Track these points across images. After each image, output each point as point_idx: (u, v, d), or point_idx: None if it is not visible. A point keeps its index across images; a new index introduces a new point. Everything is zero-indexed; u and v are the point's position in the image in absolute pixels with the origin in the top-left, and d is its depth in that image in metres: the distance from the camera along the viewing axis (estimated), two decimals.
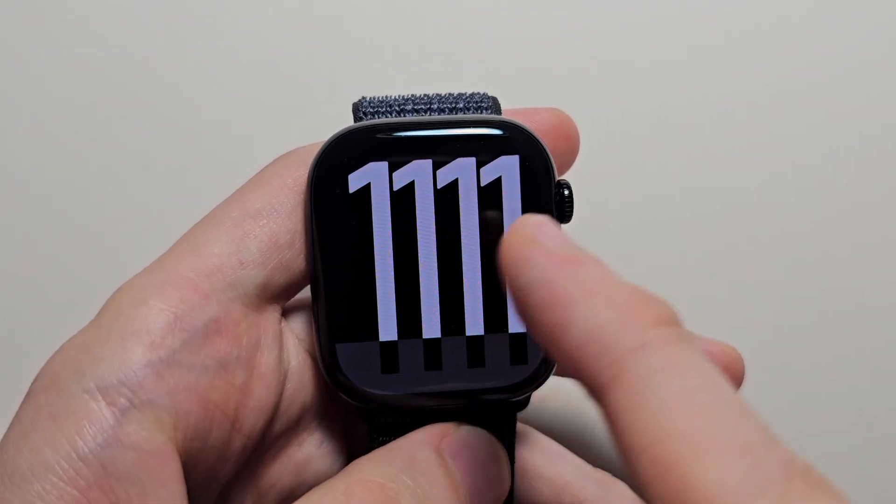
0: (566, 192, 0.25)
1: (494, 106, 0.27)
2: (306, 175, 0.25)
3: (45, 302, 0.35)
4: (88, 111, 0.35)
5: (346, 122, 0.27)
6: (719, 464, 0.16)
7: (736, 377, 0.28)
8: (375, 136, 0.25)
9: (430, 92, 0.27)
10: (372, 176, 0.25)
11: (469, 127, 0.25)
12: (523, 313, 0.19)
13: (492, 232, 0.25)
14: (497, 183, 0.25)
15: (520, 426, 0.29)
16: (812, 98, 0.35)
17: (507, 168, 0.25)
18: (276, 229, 0.25)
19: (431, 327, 0.25)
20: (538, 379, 0.25)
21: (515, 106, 0.27)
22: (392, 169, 0.25)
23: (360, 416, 0.26)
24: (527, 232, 0.19)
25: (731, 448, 0.16)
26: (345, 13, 0.35)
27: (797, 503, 0.15)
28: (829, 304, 0.34)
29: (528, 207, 0.25)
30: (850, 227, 0.35)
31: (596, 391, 0.18)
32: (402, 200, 0.25)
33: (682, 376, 0.17)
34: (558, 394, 0.34)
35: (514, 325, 0.25)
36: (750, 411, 0.17)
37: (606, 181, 0.34)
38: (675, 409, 0.16)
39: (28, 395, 0.22)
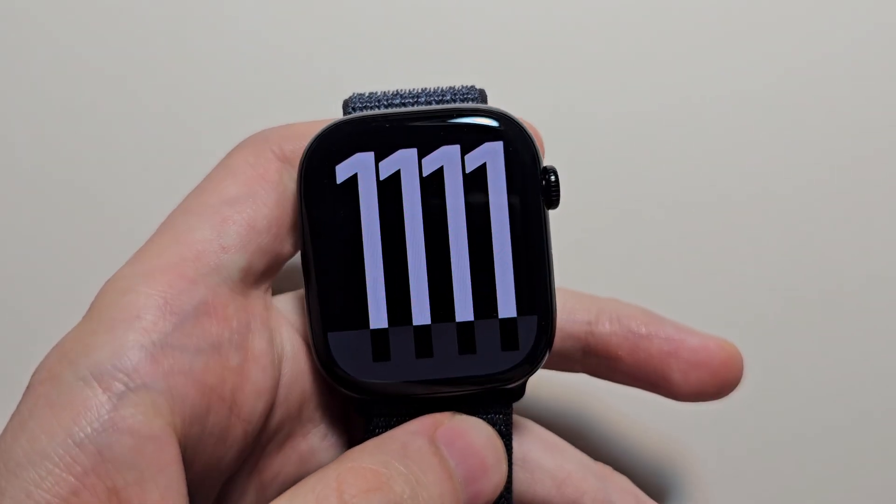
0: (552, 178, 0.25)
1: (481, 98, 0.27)
2: (274, 160, 0.26)
3: (44, 301, 0.35)
4: (88, 110, 0.35)
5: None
6: None
7: (734, 373, 0.28)
8: (362, 127, 0.25)
9: (419, 87, 0.27)
10: (359, 166, 0.25)
11: (453, 116, 0.25)
12: None
13: (478, 218, 0.25)
14: (482, 169, 0.25)
15: (521, 419, 0.29)
16: (811, 97, 0.35)
17: (491, 154, 0.25)
18: (254, 214, 0.25)
19: (421, 314, 0.25)
20: (530, 365, 0.25)
21: (506, 101, 0.27)
22: (378, 158, 0.25)
23: (357, 409, 0.27)
24: None
25: None
26: (337, 11, 0.35)
27: None
28: (829, 302, 0.34)
29: (513, 192, 0.25)
30: (849, 226, 0.35)
31: None
32: (389, 189, 0.25)
33: None
34: (559, 387, 0.34)
35: (504, 311, 0.25)
36: None
37: (606, 178, 0.34)
38: None
39: (27, 389, 0.22)
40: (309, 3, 0.35)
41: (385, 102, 0.26)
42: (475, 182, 0.25)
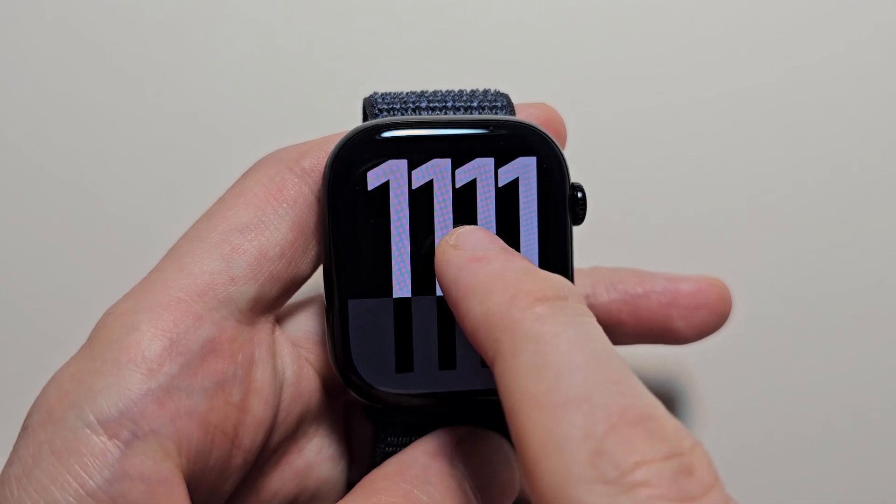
0: (579, 195, 0.25)
1: (508, 104, 0.26)
2: (291, 176, 0.25)
3: (43, 303, 0.34)
4: (97, 110, 0.34)
5: (352, 115, 0.27)
6: (552, 418, 0.18)
7: (728, 304, 0.29)
8: (394, 133, 0.25)
9: (442, 88, 0.26)
10: (391, 173, 0.24)
11: (488, 127, 0.25)
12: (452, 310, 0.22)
13: (507, 230, 0.25)
14: (514, 184, 0.25)
15: None
16: (813, 97, 0.34)
17: (524, 169, 0.25)
18: (265, 242, 0.24)
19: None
20: None
21: (523, 100, 0.27)
22: (411, 167, 0.24)
23: (368, 416, 0.26)
24: (451, 240, 0.23)
25: (569, 403, 0.18)
26: (347, 5, 0.34)
27: (615, 444, 0.18)
28: (830, 304, 0.35)
29: (543, 208, 0.25)
30: (849, 227, 0.35)
31: (490, 368, 0.20)
32: (421, 199, 0.25)
33: (546, 343, 0.19)
34: None
35: None
36: (612, 365, 0.19)
37: (610, 179, 0.34)
38: (532, 374, 0.19)
39: (24, 430, 0.22)
40: (311, 2, 0.34)
41: (411, 105, 0.26)
42: (507, 196, 0.25)
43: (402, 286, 0.25)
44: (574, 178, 0.26)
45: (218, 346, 0.23)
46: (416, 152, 0.25)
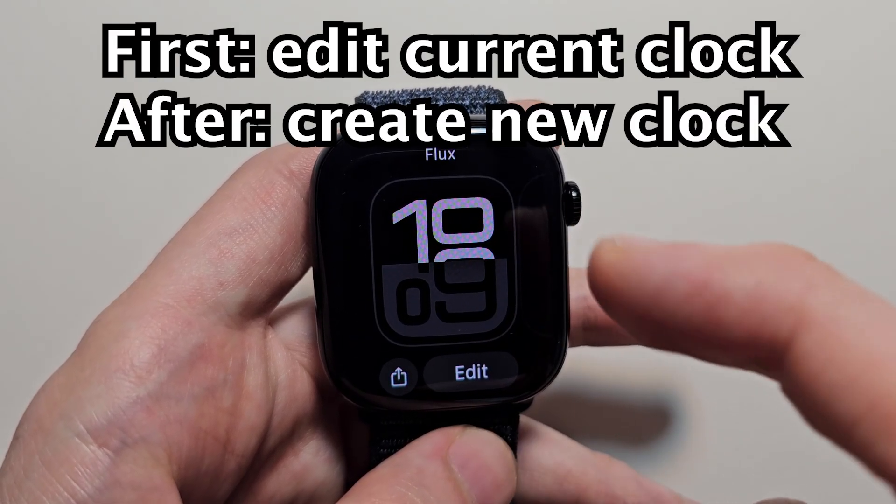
0: (574, 194, 0.25)
1: (500, 100, 0.26)
2: (279, 178, 0.24)
3: (36, 306, 0.34)
4: (91, 110, 0.33)
5: None
6: None
7: None
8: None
9: (434, 85, 0.26)
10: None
11: (477, 128, 0.24)
12: (655, 325, 0.18)
13: (502, 236, 0.25)
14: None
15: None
16: (814, 97, 0.34)
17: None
18: (254, 246, 0.24)
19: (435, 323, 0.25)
20: (543, 381, 0.25)
21: (518, 97, 0.27)
22: None
23: (363, 419, 0.26)
24: (616, 249, 0.19)
25: None
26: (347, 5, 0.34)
27: None
28: None
29: (536, 207, 0.25)
30: (851, 230, 0.35)
31: (777, 350, 0.17)
32: None
33: (863, 302, 0.16)
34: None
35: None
36: None
37: (609, 178, 0.34)
38: (876, 334, 0.16)
39: (15, 440, 0.22)
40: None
41: (401, 104, 0.25)
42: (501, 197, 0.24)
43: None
44: (568, 176, 0.26)
45: (207, 352, 0.23)
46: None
